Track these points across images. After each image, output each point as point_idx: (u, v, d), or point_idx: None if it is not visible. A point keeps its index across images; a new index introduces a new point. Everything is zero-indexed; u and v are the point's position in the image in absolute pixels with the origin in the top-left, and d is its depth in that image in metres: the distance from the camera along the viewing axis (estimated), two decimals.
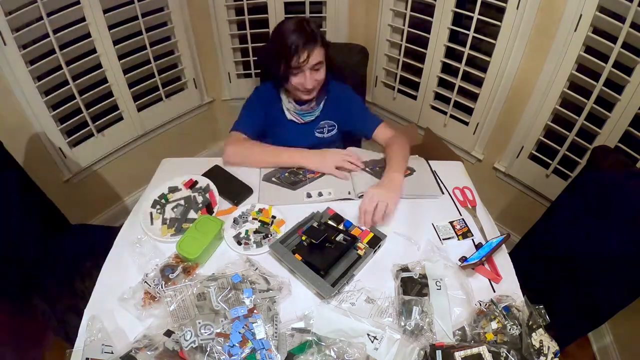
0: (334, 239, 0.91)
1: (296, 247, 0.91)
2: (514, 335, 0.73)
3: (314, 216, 0.99)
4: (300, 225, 0.97)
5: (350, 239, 0.91)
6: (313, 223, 0.97)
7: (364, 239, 0.94)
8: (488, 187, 1.18)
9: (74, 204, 1.73)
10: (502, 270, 0.89)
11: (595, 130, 1.34)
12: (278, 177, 1.14)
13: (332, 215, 1.00)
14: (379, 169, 1.15)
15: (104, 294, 0.84)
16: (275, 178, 1.13)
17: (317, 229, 0.94)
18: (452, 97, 1.75)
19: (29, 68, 1.41)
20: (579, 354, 1.50)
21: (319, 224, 0.97)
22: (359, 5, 1.91)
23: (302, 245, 0.91)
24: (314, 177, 1.13)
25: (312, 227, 0.96)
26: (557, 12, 1.30)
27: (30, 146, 1.56)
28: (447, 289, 0.83)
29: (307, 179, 1.13)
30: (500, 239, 0.91)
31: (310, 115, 1.25)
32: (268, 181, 1.13)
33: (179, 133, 2.13)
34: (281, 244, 0.91)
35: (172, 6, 1.75)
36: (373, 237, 0.94)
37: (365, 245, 0.92)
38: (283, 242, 0.92)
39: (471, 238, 0.98)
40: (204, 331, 0.70)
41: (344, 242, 0.91)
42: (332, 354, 0.69)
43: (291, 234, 0.95)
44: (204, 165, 1.17)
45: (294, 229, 0.96)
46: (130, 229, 0.99)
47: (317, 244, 0.89)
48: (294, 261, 0.87)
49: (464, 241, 0.97)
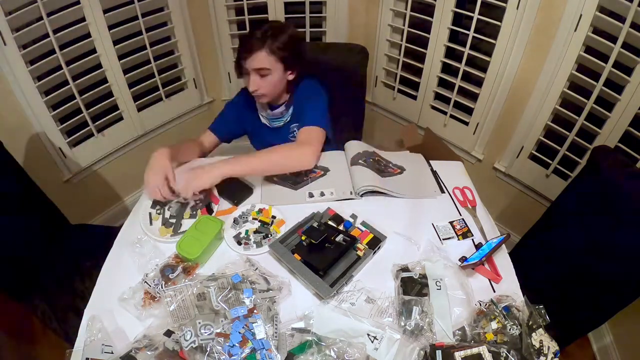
0: (334, 239, 0.91)
1: (296, 247, 0.91)
2: (514, 335, 0.73)
3: (314, 216, 0.99)
4: (300, 225, 0.97)
5: (349, 239, 0.91)
6: (313, 223, 0.97)
7: (364, 240, 0.94)
8: (488, 187, 1.18)
9: (74, 204, 1.73)
10: (502, 270, 0.89)
11: (595, 130, 1.34)
12: (280, 176, 1.14)
13: (333, 216, 1.00)
14: (372, 161, 1.15)
15: (104, 294, 0.84)
16: (277, 178, 1.13)
17: (317, 229, 0.94)
18: (452, 97, 1.75)
19: (29, 68, 1.41)
20: (579, 354, 1.50)
21: (319, 224, 0.97)
22: (359, 5, 1.91)
23: (301, 245, 0.91)
24: (315, 176, 1.13)
25: (312, 227, 0.96)
26: (557, 12, 1.30)
27: (30, 146, 1.56)
28: (447, 289, 0.83)
29: (309, 178, 1.13)
30: (501, 239, 0.91)
31: (279, 121, 1.26)
32: (270, 181, 1.13)
33: (179, 133, 2.13)
34: (281, 244, 0.91)
35: (172, 6, 1.75)
36: (373, 238, 0.94)
37: (364, 246, 0.92)
38: (283, 241, 0.92)
39: (471, 238, 0.98)
40: (204, 331, 0.70)
41: (343, 242, 0.91)
42: (332, 354, 0.69)
43: (291, 233, 0.95)
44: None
45: (294, 228, 0.96)
46: (130, 229, 0.99)
47: (317, 244, 0.89)
48: (293, 261, 0.87)
49: (464, 241, 0.97)
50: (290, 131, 1.27)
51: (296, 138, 1.17)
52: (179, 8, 1.78)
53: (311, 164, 1.11)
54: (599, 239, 1.02)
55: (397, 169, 1.18)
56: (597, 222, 1.03)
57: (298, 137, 1.16)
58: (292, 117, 1.26)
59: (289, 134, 1.28)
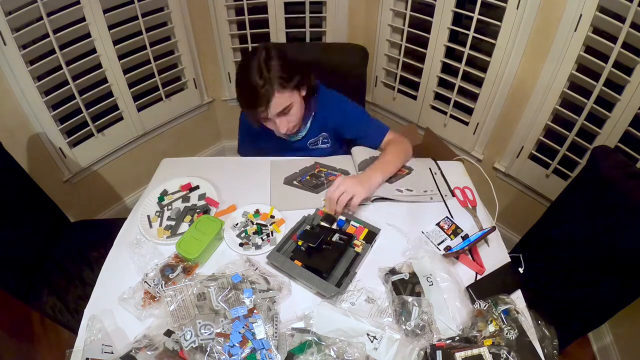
0: (331, 239, 0.91)
1: (294, 253, 0.90)
2: (511, 339, 0.73)
3: (305, 219, 0.98)
4: (294, 230, 0.95)
5: (346, 237, 0.91)
6: (306, 227, 0.96)
7: (360, 236, 0.94)
8: (488, 187, 1.18)
9: (74, 204, 1.73)
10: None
11: (595, 130, 1.34)
12: (299, 180, 1.13)
13: (323, 217, 0.99)
14: None
15: (104, 294, 0.84)
16: (297, 181, 1.12)
17: (312, 232, 0.93)
18: (452, 97, 1.75)
19: (29, 68, 1.41)
20: (579, 354, 1.50)
21: (312, 226, 0.96)
22: (359, 5, 1.91)
23: (299, 251, 0.90)
24: (334, 179, 1.13)
25: (306, 230, 0.94)
26: (557, 12, 1.30)
27: (30, 146, 1.56)
28: (439, 284, 0.83)
29: (329, 181, 1.11)
30: (485, 231, 0.93)
31: (296, 136, 1.22)
32: (289, 184, 1.11)
33: (179, 133, 2.13)
34: (278, 252, 0.89)
35: (172, 6, 1.75)
36: (368, 233, 0.95)
37: (361, 241, 0.92)
38: (279, 249, 0.91)
39: (461, 235, 0.98)
40: (204, 331, 0.70)
41: (340, 241, 0.91)
42: (332, 353, 0.69)
43: (286, 240, 0.93)
44: (204, 165, 1.17)
45: (288, 235, 0.94)
46: (129, 230, 0.99)
47: (315, 247, 0.88)
48: (295, 268, 0.85)
49: (457, 239, 0.98)
50: (312, 142, 1.24)
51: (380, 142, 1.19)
52: (179, 8, 1.78)
53: None
54: (599, 239, 1.02)
55: (406, 170, 1.18)
56: (596, 222, 1.03)
57: (387, 140, 1.19)
58: (310, 130, 1.22)
59: (309, 144, 1.25)
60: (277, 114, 1.03)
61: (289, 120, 1.07)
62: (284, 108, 1.03)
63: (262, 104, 1.00)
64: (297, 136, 1.22)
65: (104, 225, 1.52)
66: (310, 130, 1.22)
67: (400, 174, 1.15)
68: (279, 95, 1.00)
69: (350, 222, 0.98)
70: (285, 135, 1.14)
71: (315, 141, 1.25)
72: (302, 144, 1.24)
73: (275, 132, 1.14)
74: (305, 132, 1.22)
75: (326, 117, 1.21)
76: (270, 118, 1.05)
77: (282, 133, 1.09)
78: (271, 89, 0.98)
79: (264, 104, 0.99)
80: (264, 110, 1.01)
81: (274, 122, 1.07)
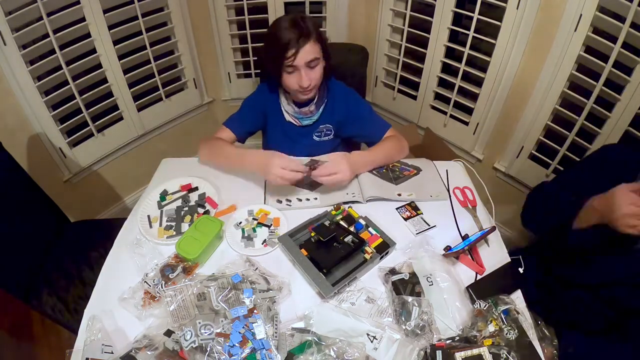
0: (343, 239, 0.91)
1: (304, 243, 0.91)
2: (511, 340, 0.73)
3: (327, 214, 1.00)
4: (312, 221, 0.97)
5: (358, 241, 0.91)
6: (325, 221, 0.97)
7: (372, 244, 0.92)
8: (488, 187, 1.18)
9: (74, 204, 1.73)
10: None
11: (595, 130, 1.34)
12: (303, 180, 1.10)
13: (345, 216, 1.00)
14: (385, 171, 1.15)
15: (104, 294, 0.84)
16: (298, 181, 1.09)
17: (327, 228, 0.94)
18: (452, 97, 1.75)
19: (29, 68, 1.41)
20: None
21: (330, 222, 0.97)
22: (359, 5, 1.91)
23: (310, 242, 0.92)
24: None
25: (323, 224, 0.96)
26: (557, 12, 1.30)
27: (30, 146, 1.56)
28: (439, 284, 0.83)
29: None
30: (485, 231, 0.93)
31: (308, 120, 1.22)
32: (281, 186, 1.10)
33: (179, 133, 2.13)
34: (290, 238, 0.92)
35: (172, 6, 1.75)
36: (381, 243, 0.92)
37: (372, 249, 0.91)
38: (292, 235, 0.93)
39: (420, 216, 1.03)
40: (204, 331, 0.70)
41: (351, 244, 0.91)
42: (332, 353, 0.69)
43: (302, 229, 0.96)
44: (204, 165, 1.17)
45: (306, 224, 0.96)
46: (129, 230, 0.99)
47: (325, 242, 0.89)
48: (300, 255, 0.88)
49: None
50: (318, 130, 1.25)
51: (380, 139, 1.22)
52: (179, 8, 1.78)
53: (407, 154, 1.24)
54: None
55: (414, 170, 1.18)
56: None
57: (387, 137, 1.22)
58: (321, 116, 1.22)
59: (315, 132, 1.25)
60: (306, 62, 1.04)
61: (311, 77, 1.07)
62: (313, 58, 1.05)
63: (294, 47, 1.01)
64: (310, 119, 1.22)
65: (104, 225, 1.52)
66: (321, 117, 1.23)
67: (408, 174, 1.15)
68: (313, 44, 1.04)
69: (368, 228, 0.96)
70: (302, 97, 1.15)
71: (321, 130, 1.25)
72: (310, 130, 1.25)
73: (288, 99, 1.20)
74: (317, 117, 1.22)
75: (334, 108, 1.22)
76: (296, 66, 1.04)
77: (304, 86, 1.08)
78: (309, 36, 1.02)
79: (296, 46, 1.01)
80: (293, 54, 1.02)
81: (299, 73, 1.06)
